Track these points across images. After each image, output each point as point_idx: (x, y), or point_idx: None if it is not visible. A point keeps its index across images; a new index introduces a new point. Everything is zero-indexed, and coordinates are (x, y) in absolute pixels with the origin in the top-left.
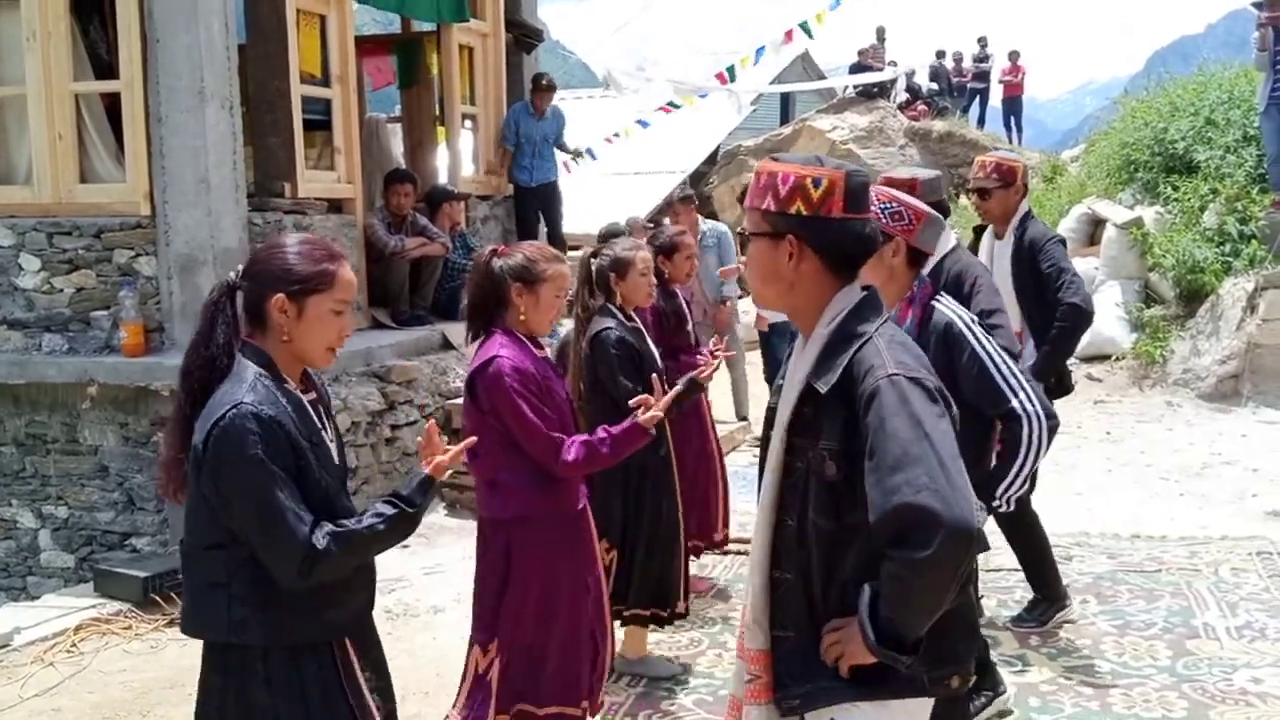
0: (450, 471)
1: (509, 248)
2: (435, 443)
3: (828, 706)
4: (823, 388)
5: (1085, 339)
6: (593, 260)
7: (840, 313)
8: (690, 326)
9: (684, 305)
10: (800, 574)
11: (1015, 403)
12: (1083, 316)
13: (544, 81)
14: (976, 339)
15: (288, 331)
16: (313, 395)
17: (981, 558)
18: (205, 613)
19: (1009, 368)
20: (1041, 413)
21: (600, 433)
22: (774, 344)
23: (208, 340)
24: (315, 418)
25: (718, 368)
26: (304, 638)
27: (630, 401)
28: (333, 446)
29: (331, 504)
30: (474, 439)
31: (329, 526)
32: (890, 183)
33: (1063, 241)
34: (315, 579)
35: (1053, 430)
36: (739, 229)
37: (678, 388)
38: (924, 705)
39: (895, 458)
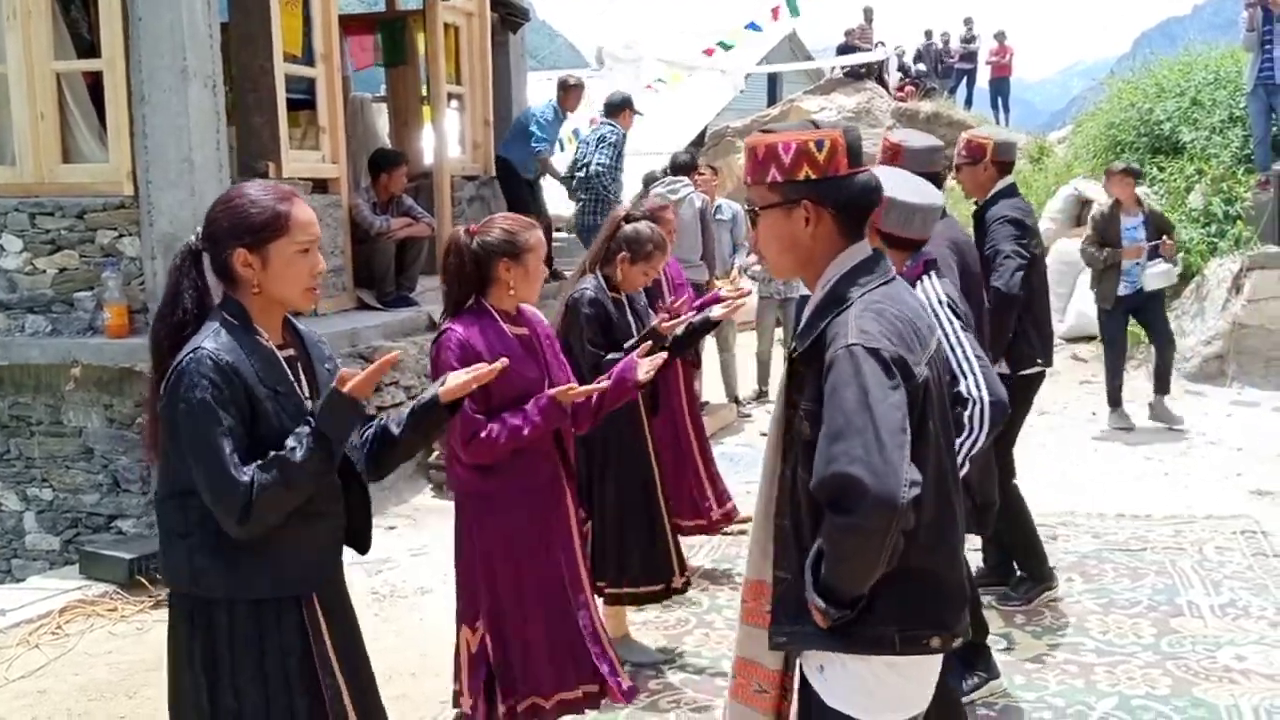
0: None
1: (480, 225)
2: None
3: (810, 652)
4: (797, 351)
5: (1071, 320)
6: (624, 224)
7: (835, 275)
8: (666, 301)
9: (664, 280)
10: (793, 520)
11: (963, 385)
12: (1003, 300)
13: (572, 81)
14: (937, 319)
15: (257, 283)
16: (290, 352)
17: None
18: (170, 562)
19: (964, 351)
20: (986, 398)
21: (521, 410)
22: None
23: (174, 306)
24: (287, 371)
25: (731, 309)
26: (260, 591)
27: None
28: (310, 404)
29: None
30: (393, 355)
31: (256, 464)
32: (882, 145)
33: (1014, 221)
34: (256, 522)
35: (996, 414)
36: (746, 206)
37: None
38: (918, 664)
39: (838, 427)
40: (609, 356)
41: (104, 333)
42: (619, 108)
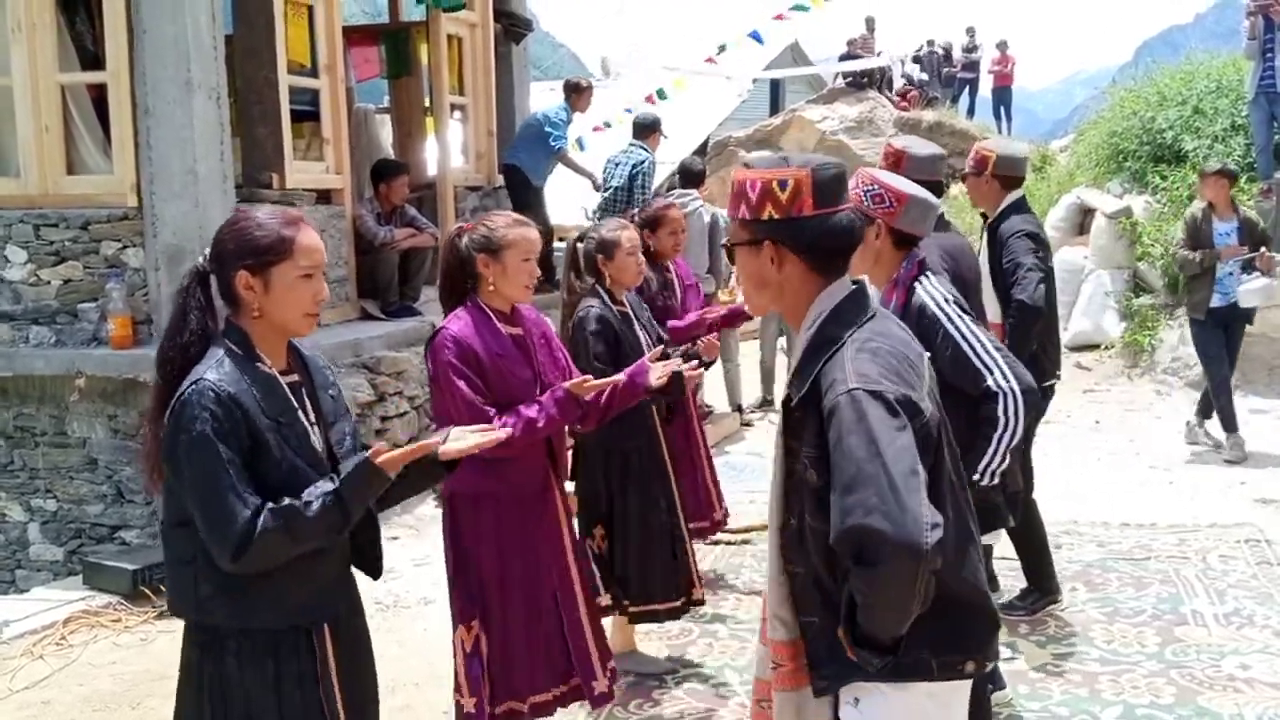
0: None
1: (472, 223)
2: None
3: (853, 683)
4: (794, 397)
5: (1074, 329)
6: (579, 244)
7: (820, 315)
8: (677, 300)
9: (674, 279)
10: (807, 569)
11: (990, 380)
12: (1027, 313)
13: (584, 84)
14: (949, 318)
15: (258, 306)
16: (294, 377)
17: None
18: (178, 590)
19: (983, 345)
20: (1017, 388)
21: (536, 402)
22: None
23: (181, 328)
24: (290, 398)
25: (704, 366)
26: (265, 622)
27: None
28: (314, 430)
29: (299, 486)
30: (433, 442)
31: (268, 505)
32: (884, 151)
33: (1031, 235)
34: (250, 561)
35: (1030, 405)
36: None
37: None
38: (954, 690)
39: (850, 477)
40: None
41: (108, 344)
42: (650, 129)
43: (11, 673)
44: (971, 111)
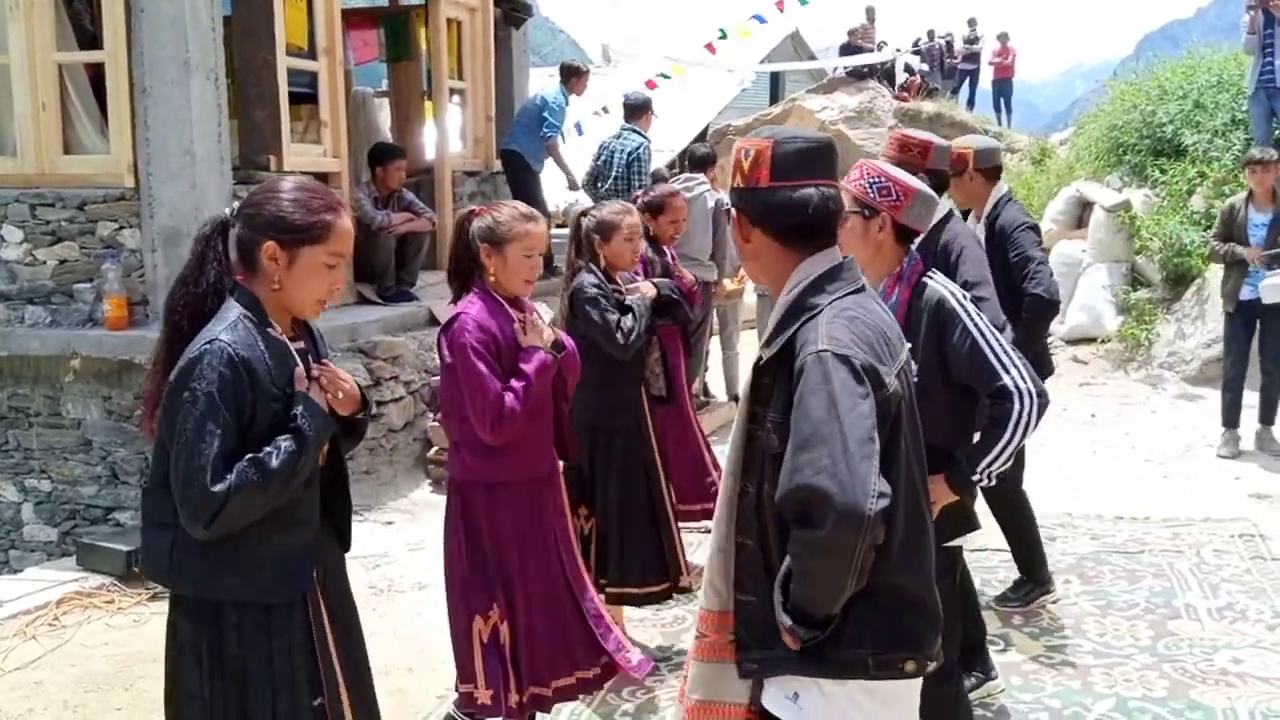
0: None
1: (484, 208)
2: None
3: (781, 679)
4: (765, 357)
5: (1071, 322)
6: (582, 219)
7: (802, 281)
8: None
9: (670, 262)
10: (759, 541)
11: (1007, 379)
12: (1046, 306)
13: (582, 68)
14: (968, 314)
15: (278, 279)
16: (301, 345)
17: (968, 537)
18: (151, 552)
19: (1000, 344)
20: (1033, 390)
21: (515, 371)
22: None
23: (197, 277)
24: (300, 365)
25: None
26: (234, 594)
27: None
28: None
29: None
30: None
31: (236, 465)
32: (904, 142)
33: (1033, 228)
34: (220, 525)
35: (1043, 408)
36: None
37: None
38: (897, 688)
39: (805, 436)
40: (625, 321)
41: (103, 324)
42: (641, 109)
43: (4, 653)
44: (971, 103)
